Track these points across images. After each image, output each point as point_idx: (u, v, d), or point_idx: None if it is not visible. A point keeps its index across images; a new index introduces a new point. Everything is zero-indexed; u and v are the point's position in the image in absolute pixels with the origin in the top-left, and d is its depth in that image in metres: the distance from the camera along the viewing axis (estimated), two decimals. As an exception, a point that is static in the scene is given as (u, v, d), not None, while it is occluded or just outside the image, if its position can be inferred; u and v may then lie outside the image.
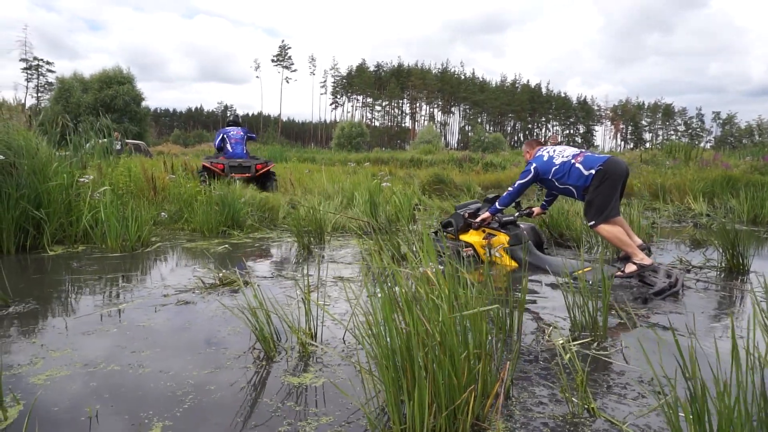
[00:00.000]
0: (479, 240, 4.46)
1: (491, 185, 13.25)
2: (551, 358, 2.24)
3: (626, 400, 1.87)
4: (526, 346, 2.38)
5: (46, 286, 3.26)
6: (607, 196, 3.73)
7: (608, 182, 3.73)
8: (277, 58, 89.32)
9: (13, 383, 1.86)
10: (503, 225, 4.38)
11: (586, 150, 4.21)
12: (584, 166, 3.85)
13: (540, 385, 1.96)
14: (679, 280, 3.43)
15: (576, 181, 3.88)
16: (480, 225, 4.45)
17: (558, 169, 3.98)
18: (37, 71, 70.05)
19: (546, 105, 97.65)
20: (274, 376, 2.01)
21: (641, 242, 3.87)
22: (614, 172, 3.74)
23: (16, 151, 4.51)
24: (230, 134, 8.79)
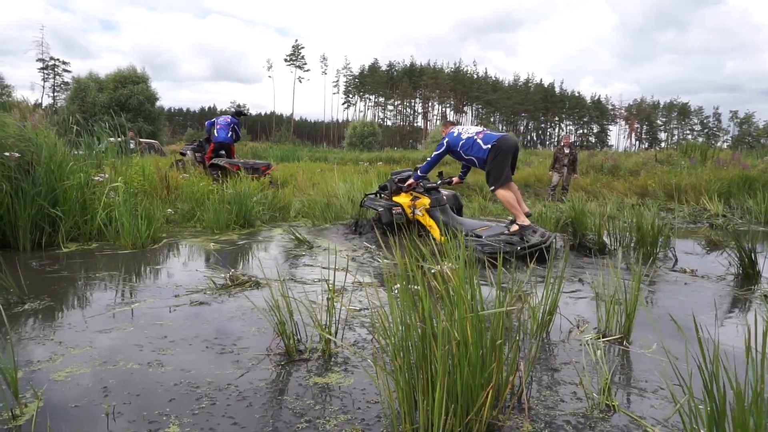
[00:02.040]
0: (407, 201, 5.33)
1: (503, 185, 13.19)
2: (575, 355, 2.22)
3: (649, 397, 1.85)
4: (551, 344, 2.37)
5: (60, 283, 3.30)
6: (501, 166, 4.67)
7: (501, 155, 4.67)
8: (290, 57, 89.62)
9: (33, 379, 1.88)
10: (427, 190, 5.26)
11: (487, 129, 5.02)
12: (483, 141, 4.79)
13: (563, 383, 1.95)
14: (550, 238, 4.58)
15: (477, 153, 4.81)
16: (407, 189, 5.34)
17: (464, 143, 4.89)
18: (53, 71, 70.98)
19: (559, 104, 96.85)
20: (293, 374, 2.01)
21: (527, 210, 4.88)
22: (505, 147, 4.69)
23: (34, 150, 4.57)
24: (219, 120, 9.72)
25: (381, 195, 5.71)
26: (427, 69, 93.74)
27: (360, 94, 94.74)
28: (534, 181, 13.70)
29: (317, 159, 23.93)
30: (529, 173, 14.90)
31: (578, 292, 3.41)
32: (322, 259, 4.34)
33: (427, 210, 5.14)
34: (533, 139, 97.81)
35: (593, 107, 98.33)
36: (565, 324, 2.66)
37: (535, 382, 1.96)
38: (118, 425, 1.61)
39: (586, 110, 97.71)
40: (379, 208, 5.46)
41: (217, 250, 4.61)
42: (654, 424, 1.68)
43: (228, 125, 9.55)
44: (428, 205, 5.14)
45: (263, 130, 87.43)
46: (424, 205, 5.16)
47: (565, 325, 2.64)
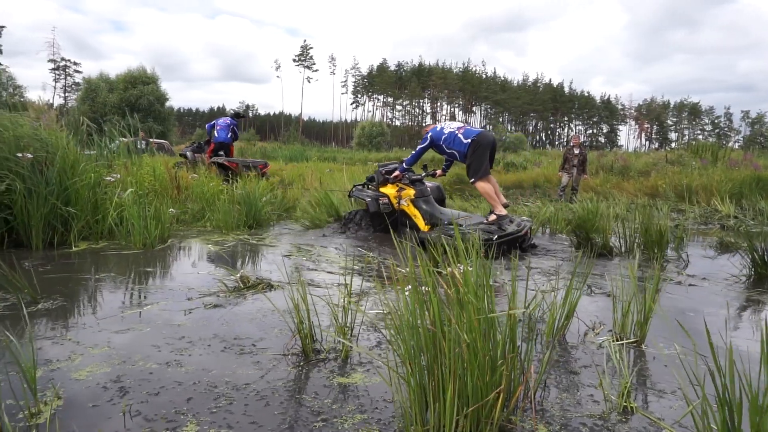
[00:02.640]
0: (393, 192, 5.63)
1: (513, 185, 13.13)
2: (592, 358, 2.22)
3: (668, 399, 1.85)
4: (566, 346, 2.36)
5: (72, 282, 3.32)
6: (480, 159, 5.02)
7: (480, 149, 5.03)
8: (299, 57, 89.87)
9: (53, 378, 1.89)
10: (412, 182, 5.63)
11: (467, 125, 5.36)
12: (464, 136, 5.14)
13: (580, 386, 1.95)
14: (526, 228, 4.85)
15: (458, 147, 5.15)
16: (393, 180, 5.68)
17: (446, 138, 5.25)
18: (64, 72, 71.64)
19: (569, 104, 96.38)
20: (310, 374, 2.02)
21: (505, 201, 5.27)
22: (484, 141, 5.06)
23: (47, 150, 4.61)
24: (218, 121, 10.14)
25: (368, 186, 6.05)
26: (435, 69, 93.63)
27: (368, 94, 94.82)
28: (543, 182, 13.65)
29: (326, 159, 23.98)
30: (538, 173, 14.85)
31: (591, 294, 3.39)
32: (329, 258, 4.35)
33: (412, 200, 5.48)
34: (542, 140, 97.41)
35: (603, 107, 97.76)
36: (578, 325, 2.65)
37: (550, 385, 1.96)
38: (136, 423, 1.62)
39: (596, 110, 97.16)
40: (367, 199, 5.68)
41: (226, 250, 4.63)
42: (674, 425, 1.67)
43: (227, 126, 9.98)
44: (413, 196, 5.49)
45: (272, 130, 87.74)
46: (409, 196, 5.51)
47: (577, 326, 2.63)
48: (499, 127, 70.56)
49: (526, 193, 12.18)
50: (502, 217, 4.97)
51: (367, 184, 6.10)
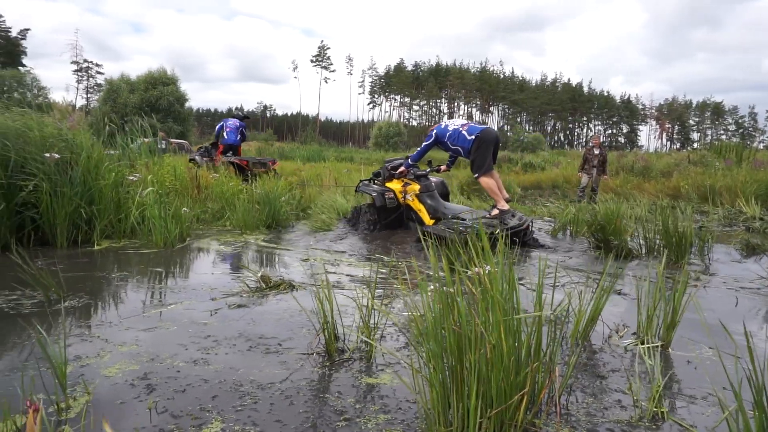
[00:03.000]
0: (399, 187, 5.81)
1: (531, 186, 13.03)
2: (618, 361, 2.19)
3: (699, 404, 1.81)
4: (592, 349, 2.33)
5: (96, 281, 3.38)
6: (484, 155, 5.16)
7: (484, 146, 5.17)
8: (316, 58, 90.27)
9: (83, 374, 1.92)
10: (417, 177, 5.78)
11: (471, 122, 5.52)
12: (468, 133, 5.28)
13: (607, 390, 1.92)
14: (527, 222, 5.02)
15: (462, 144, 5.29)
16: (399, 176, 5.84)
17: (451, 134, 5.40)
18: (86, 73, 72.97)
19: (587, 104, 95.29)
20: (335, 374, 2.03)
21: (507, 196, 5.39)
22: (488, 138, 5.21)
23: (72, 150, 4.70)
24: (228, 123, 10.33)
25: (375, 181, 6.25)
26: (453, 69, 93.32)
27: (385, 95, 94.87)
28: (562, 182, 13.51)
29: (343, 159, 24.05)
30: (557, 174, 14.71)
31: (613, 296, 3.34)
32: (349, 258, 4.36)
33: (417, 195, 5.66)
34: (560, 140, 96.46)
35: (623, 107, 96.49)
36: (602, 327, 2.61)
37: (576, 388, 1.93)
38: (162, 419, 1.64)
39: (616, 110, 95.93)
40: (373, 193, 5.84)
41: (246, 250, 4.67)
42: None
43: (237, 129, 10.25)
44: (418, 191, 5.67)
45: (289, 130, 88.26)
46: (414, 191, 5.68)
47: (601, 328, 2.59)
48: (517, 127, 70.04)
49: (545, 194, 12.07)
50: (505, 211, 5.13)
51: (373, 180, 6.29)
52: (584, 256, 4.83)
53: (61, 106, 5.87)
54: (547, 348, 1.66)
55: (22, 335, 2.35)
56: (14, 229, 4.30)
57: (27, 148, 4.44)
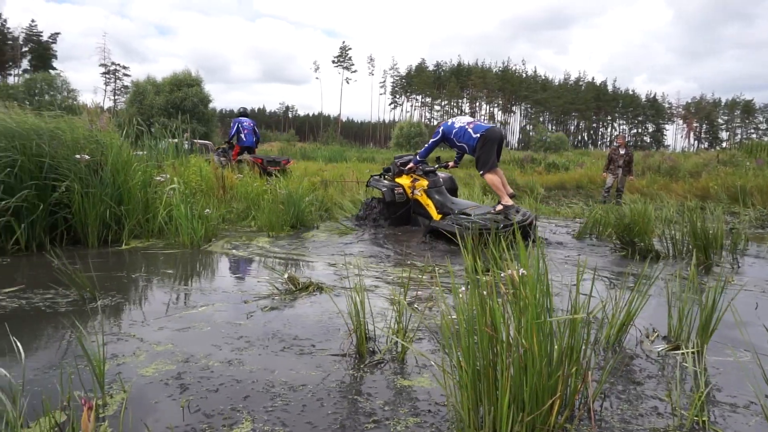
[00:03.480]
0: (408, 182, 6.05)
1: (555, 186, 12.88)
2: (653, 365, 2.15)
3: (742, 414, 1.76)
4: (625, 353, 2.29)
5: (127, 280, 3.44)
6: (489, 153, 5.33)
7: (488, 143, 5.34)
8: (338, 59, 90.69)
9: (120, 373, 1.96)
10: (426, 173, 6.00)
11: (477, 120, 5.69)
12: (473, 131, 5.45)
13: (643, 397, 1.88)
14: (530, 218, 5.14)
15: (468, 141, 5.47)
16: (408, 171, 6.08)
17: (457, 132, 5.58)
18: (114, 75, 74.53)
19: (612, 103, 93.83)
20: (366, 375, 2.03)
21: (512, 191, 5.56)
22: (492, 136, 5.37)
23: (101, 151, 4.80)
24: (244, 125, 10.32)
25: (385, 177, 6.48)
26: (474, 69, 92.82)
27: (407, 95, 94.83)
28: (587, 183, 13.34)
29: (365, 159, 24.10)
30: (581, 174, 14.52)
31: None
32: (374, 258, 4.37)
33: (425, 191, 5.86)
34: (584, 139, 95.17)
35: (648, 106, 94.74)
36: (632, 331, 2.56)
37: (611, 394, 1.89)
38: (195, 418, 1.67)
39: (641, 109, 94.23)
40: (383, 188, 6.11)
41: (272, 250, 4.71)
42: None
43: (252, 129, 10.36)
44: (426, 186, 5.88)
45: (311, 130, 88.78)
46: (422, 186, 5.89)
47: (632, 332, 2.55)
48: (540, 126, 69.31)
49: (569, 194, 11.93)
50: (509, 207, 5.29)
51: (383, 175, 6.53)
52: (608, 257, 4.76)
53: (92, 108, 6.00)
54: (580, 352, 1.64)
55: (59, 333, 2.41)
56: (48, 229, 4.41)
57: (59, 149, 4.55)
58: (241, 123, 10.36)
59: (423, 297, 3.16)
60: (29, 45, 68.91)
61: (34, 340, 2.32)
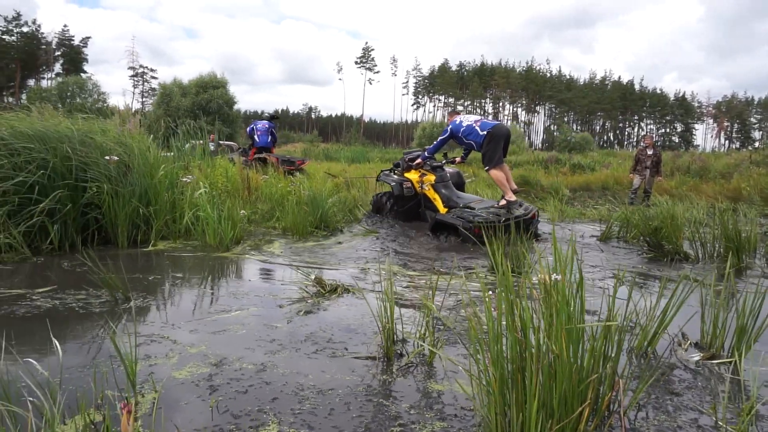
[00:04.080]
0: (416, 177, 6.29)
1: (580, 187, 12.69)
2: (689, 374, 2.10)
3: None
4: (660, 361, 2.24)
5: (158, 281, 3.50)
6: (495, 149, 5.54)
7: (494, 140, 5.54)
8: (361, 60, 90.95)
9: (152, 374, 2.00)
10: (433, 168, 6.22)
11: (483, 118, 5.91)
12: (480, 128, 5.66)
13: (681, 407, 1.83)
14: (532, 212, 5.43)
15: (475, 138, 5.67)
16: (416, 167, 6.30)
17: (465, 130, 5.79)
18: (142, 78, 76.06)
19: (639, 102, 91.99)
20: (393, 379, 2.04)
21: (515, 187, 5.76)
22: (498, 133, 5.58)
23: (130, 153, 4.91)
24: (258, 126, 10.77)
25: (395, 171, 6.73)
26: (498, 68, 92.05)
27: (429, 95, 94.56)
28: (612, 184, 13.11)
29: (387, 160, 24.06)
30: (607, 175, 14.28)
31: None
32: (400, 260, 4.37)
33: (433, 185, 6.10)
34: (610, 140, 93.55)
35: (677, 105, 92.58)
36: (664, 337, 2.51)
37: (647, 405, 1.85)
38: (223, 419, 1.69)
39: (669, 108, 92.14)
40: (392, 183, 6.37)
41: (298, 251, 4.75)
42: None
43: (267, 130, 10.62)
44: (434, 181, 6.10)
45: (334, 131, 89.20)
46: (430, 181, 6.13)
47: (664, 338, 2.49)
48: (564, 126, 68.40)
49: (595, 196, 11.74)
50: (512, 202, 5.49)
51: (393, 170, 6.80)
52: (636, 259, 4.67)
53: (123, 110, 6.14)
54: (611, 358, 1.61)
55: (93, 333, 2.47)
56: (80, 229, 4.53)
57: (90, 151, 4.66)
58: (255, 125, 10.81)
59: (451, 300, 3.15)
60: (62, 49, 70.79)
61: (69, 339, 2.38)
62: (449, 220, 5.38)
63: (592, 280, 3.66)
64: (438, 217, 5.57)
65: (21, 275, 3.55)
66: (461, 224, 5.18)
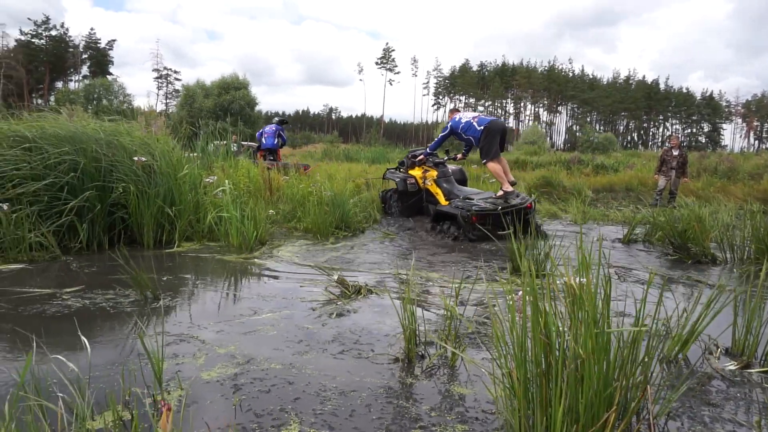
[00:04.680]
0: (419, 174, 6.72)
1: (603, 189, 12.50)
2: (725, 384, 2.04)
3: None
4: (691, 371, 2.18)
5: (186, 281, 3.54)
6: (491, 143, 5.92)
7: (491, 135, 5.93)
8: (381, 60, 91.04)
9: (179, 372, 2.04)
10: (436, 165, 6.67)
11: (480, 114, 6.29)
12: (477, 124, 6.07)
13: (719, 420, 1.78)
14: (528, 201, 5.77)
15: (473, 134, 6.10)
16: (419, 163, 6.79)
17: (463, 126, 6.21)
18: (166, 80, 77.34)
19: (664, 102, 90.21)
20: (414, 381, 2.04)
21: (513, 179, 6.09)
22: (494, 128, 5.97)
23: (155, 154, 4.99)
24: (266, 129, 11.31)
25: (400, 169, 7.20)
26: (519, 68, 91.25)
27: (450, 95, 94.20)
28: (637, 185, 12.88)
29: (407, 161, 24.02)
30: (631, 176, 14.04)
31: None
32: (423, 262, 4.36)
33: (435, 180, 6.50)
34: (634, 140, 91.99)
35: (704, 104, 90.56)
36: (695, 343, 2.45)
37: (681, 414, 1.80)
38: (246, 417, 1.71)
39: (696, 108, 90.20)
40: (397, 179, 6.79)
41: (321, 251, 4.77)
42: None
43: (274, 133, 11.09)
44: (436, 177, 6.51)
45: (354, 132, 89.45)
46: (432, 177, 6.53)
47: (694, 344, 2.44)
48: (587, 127, 67.51)
49: (618, 197, 11.56)
50: (509, 192, 5.85)
51: (399, 168, 7.25)
52: (660, 261, 4.59)
53: (147, 112, 6.26)
54: (639, 364, 1.58)
55: (121, 332, 2.52)
56: (106, 229, 4.62)
57: (117, 152, 4.75)
58: (264, 129, 11.37)
59: (474, 303, 3.13)
60: (88, 52, 72.40)
61: (98, 337, 2.43)
62: (449, 210, 5.78)
63: (618, 282, 3.60)
64: (439, 208, 5.98)
65: (51, 274, 3.64)
66: (460, 213, 5.53)
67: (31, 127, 4.66)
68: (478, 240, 5.42)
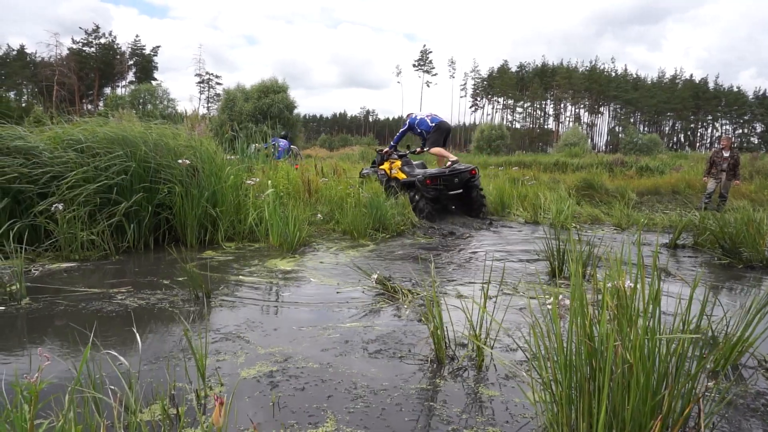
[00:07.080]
0: (388, 166, 8.02)
1: (648, 192, 12.12)
2: None
3: None
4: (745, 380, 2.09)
5: (230, 281, 3.60)
6: (438, 138, 7.82)
7: (438, 131, 7.87)
8: (418, 62, 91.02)
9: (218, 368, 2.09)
10: (399, 156, 7.99)
11: (432, 113, 8.20)
12: (430, 120, 7.94)
13: None
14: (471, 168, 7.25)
15: (425, 128, 7.95)
16: (387, 156, 8.17)
17: (418, 122, 8.08)
18: (207, 84, 79.47)
19: (713, 101, 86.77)
20: (446, 382, 2.03)
21: (455, 158, 7.46)
22: (443, 127, 7.95)
23: (199, 157, 5.14)
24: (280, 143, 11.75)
25: (372, 166, 8.57)
26: (559, 69, 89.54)
27: (488, 97, 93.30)
28: (684, 188, 12.45)
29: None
30: (678, 179, 13.58)
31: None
32: (457, 264, 4.34)
33: (400, 168, 7.79)
34: (680, 141, 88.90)
35: (757, 104, 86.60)
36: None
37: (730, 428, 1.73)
38: (283, 414, 1.75)
39: (748, 107, 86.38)
40: (371, 173, 8.19)
41: (360, 253, 4.80)
42: None
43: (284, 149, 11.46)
44: (400, 165, 7.83)
45: (391, 134, 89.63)
46: (397, 166, 7.85)
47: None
48: (630, 128, 65.59)
49: (664, 200, 11.19)
50: (454, 161, 7.35)
51: (372, 167, 8.56)
52: (708, 267, 4.41)
53: (191, 116, 6.44)
54: (690, 373, 1.52)
55: (168, 329, 2.60)
56: (152, 229, 4.78)
57: (164, 154, 4.91)
58: (277, 141, 11.69)
59: (512, 305, 3.09)
60: (134, 58, 75.15)
61: (147, 333, 2.52)
62: (410, 179, 7.25)
63: (666, 288, 3.49)
64: (402, 181, 7.45)
65: (103, 272, 3.79)
66: (417, 179, 7.01)
67: (84, 130, 4.86)
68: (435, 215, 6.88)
